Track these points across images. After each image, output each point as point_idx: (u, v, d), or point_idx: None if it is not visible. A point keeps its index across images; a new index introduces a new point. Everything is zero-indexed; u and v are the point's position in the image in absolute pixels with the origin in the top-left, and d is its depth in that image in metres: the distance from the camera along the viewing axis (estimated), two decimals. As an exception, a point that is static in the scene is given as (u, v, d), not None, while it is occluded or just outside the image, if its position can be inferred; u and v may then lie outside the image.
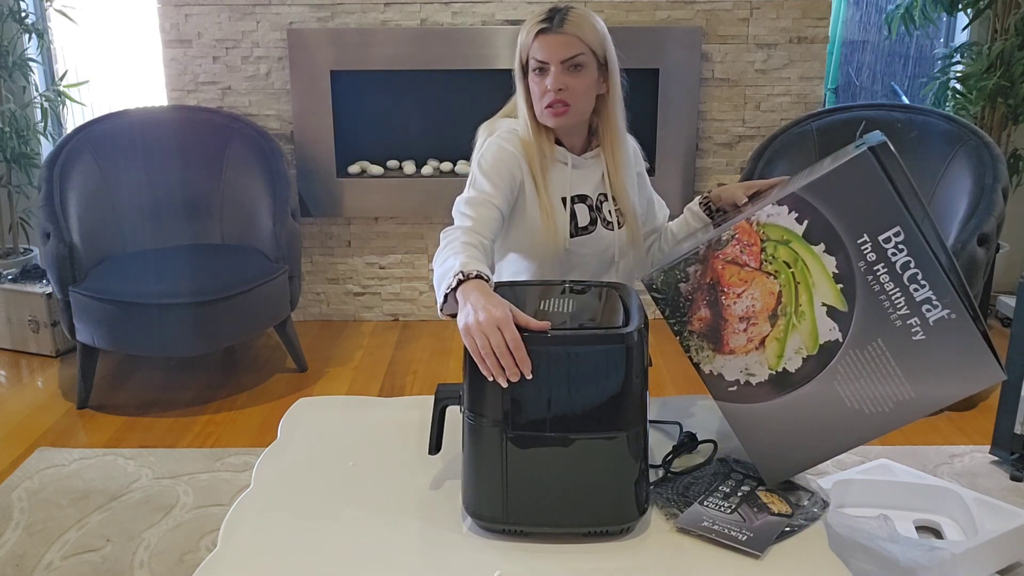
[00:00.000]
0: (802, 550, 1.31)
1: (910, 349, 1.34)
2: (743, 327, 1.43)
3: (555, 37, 1.74)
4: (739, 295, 1.44)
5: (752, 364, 1.43)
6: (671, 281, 1.47)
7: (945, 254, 1.40)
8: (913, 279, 1.33)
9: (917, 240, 1.32)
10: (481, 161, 1.77)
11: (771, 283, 1.41)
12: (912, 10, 3.63)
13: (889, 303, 1.34)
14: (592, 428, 1.30)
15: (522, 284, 1.54)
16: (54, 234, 2.99)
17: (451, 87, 3.77)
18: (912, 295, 1.33)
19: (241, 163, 3.45)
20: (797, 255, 1.39)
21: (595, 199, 1.88)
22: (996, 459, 2.66)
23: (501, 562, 1.28)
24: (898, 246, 1.33)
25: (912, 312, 1.33)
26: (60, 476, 2.63)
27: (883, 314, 1.34)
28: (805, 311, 1.39)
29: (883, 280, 1.34)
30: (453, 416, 1.42)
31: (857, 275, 1.35)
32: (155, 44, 3.65)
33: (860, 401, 1.38)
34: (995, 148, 3.09)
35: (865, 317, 1.35)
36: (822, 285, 1.37)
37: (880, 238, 1.34)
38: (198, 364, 3.44)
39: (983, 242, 2.89)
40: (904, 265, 1.33)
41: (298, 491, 1.47)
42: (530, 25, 1.78)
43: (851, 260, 1.35)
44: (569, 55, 1.74)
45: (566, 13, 1.76)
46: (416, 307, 3.89)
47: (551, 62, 1.75)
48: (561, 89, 1.74)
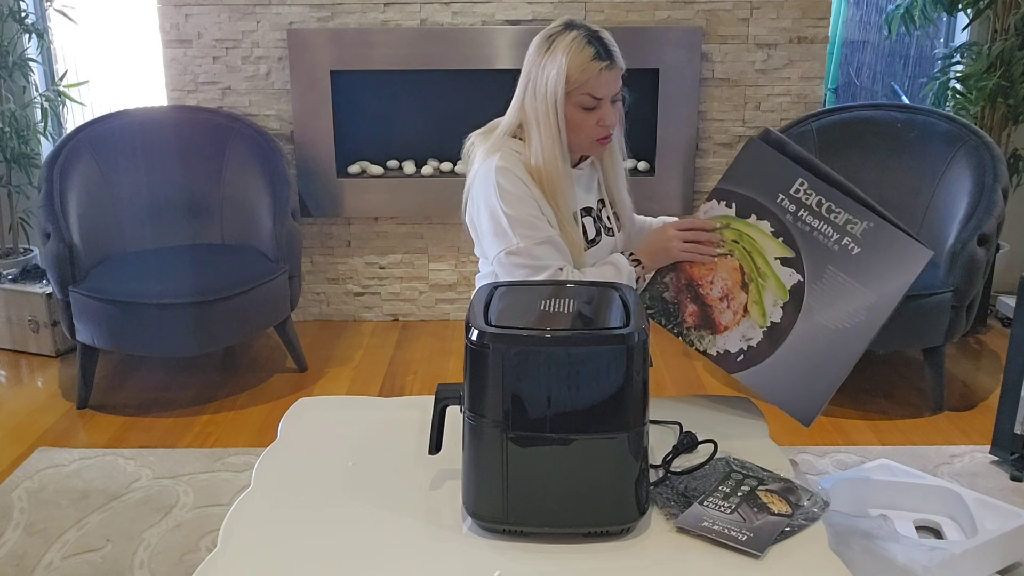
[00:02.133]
0: (802, 550, 1.31)
1: (854, 262, 1.61)
2: (726, 305, 1.72)
3: (613, 74, 1.75)
4: (711, 282, 1.74)
5: (746, 330, 1.70)
6: (656, 295, 1.79)
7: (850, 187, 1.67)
8: (830, 210, 1.63)
9: (817, 183, 1.64)
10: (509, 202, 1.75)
11: (731, 261, 1.73)
12: (912, 10, 3.63)
13: (821, 235, 1.64)
14: (592, 428, 1.30)
15: (523, 284, 1.54)
16: (54, 234, 2.99)
17: (451, 87, 3.77)
18: (834, 222, 1.63)
19: (241, 163, 3.45)
20: (739, 231, 1.72)
21: (596, 208, 1.90)
22: (996, 459, 2.66)
23: (501, 562, 1.28)
24: (807, 192, 1.65)
25: (841, 234, 1.62)
26: (60, 476, 2.64)
27: (821, 246, 1.64)
28: (765, 270, 1.68)
29: (808, 220, 1.65)
30: (453, 416, 1.42)
31: (789, 226, 1.66)
32: (155, 44, 3.65)
33: (839, 320, 1.62)
34: (995, 148, 3.09)
35: (809, 254, 1.65)
36: (767, 244, 1.68)
37: (791, 192, 1.66)
38: (198, 364, 3.44)
39: (983, 242, 2.89)
40: (818, 203, 1.64)
41: (298, 491, 1.47)
42: (583, 59, 1.72)
43: (779, 217, 1.68)
44: (618, 88, 1.78)
45: (606, 44, 1.75)
46: (416, 307, 3.90)
47: (606, 98, 1.76)
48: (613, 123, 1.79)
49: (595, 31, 1.75)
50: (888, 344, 3.05)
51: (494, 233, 1.77)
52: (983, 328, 3.69)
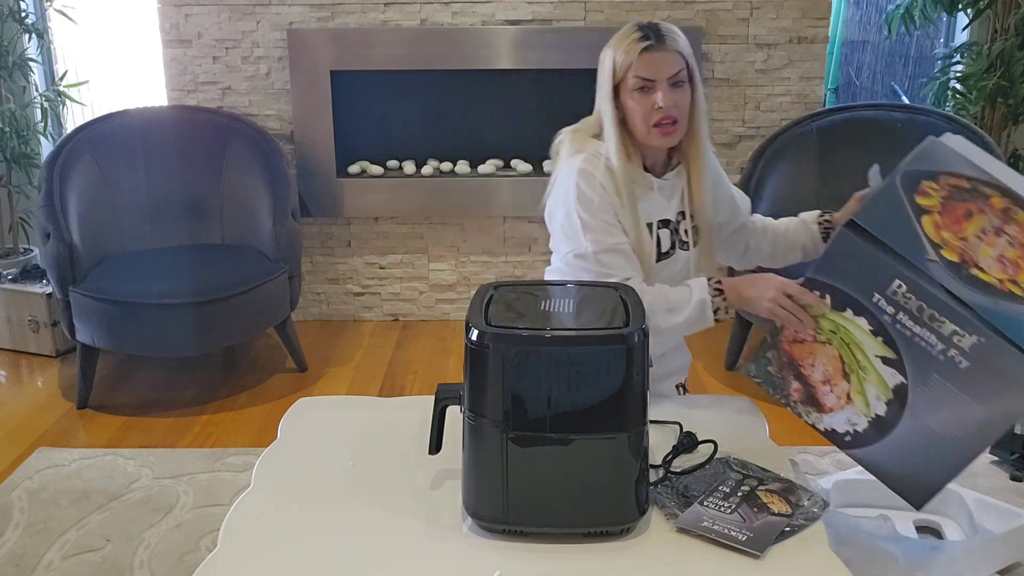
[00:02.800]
0: (802, 550, 1.31)
1: (964, 375, 1.42)
2: (828, 388, 1.58)
3: (661, 54, 1.70)
4: (812, 365, 1.60)
5: (852, 416, 1.56)
6: (761, 368, 1.68)
7: (956, 278, 1.46)
8: (932, 318, 1.44)
9: (919, 286, 1.45)
10: (586, 205, 1.74)
11: (830, 349, 1.58)
12: (912, 10, 3.63)
13: (924, 342, 1.46)
14: (592, 428, 1.30)
15: (524, 284, 1.54)
16: (54, 234, 2.99)
17: (451, 87, 3.77)
18: (939, 331, 1.44)
19: (241, 163, 3.45)
20: (835, 323, 1.56)
21: (675, 221, 1.86)
22: (996, 459, 2.66)
23: (501, 562, 1.28)
24: (906, 295, 1.46)
25: (947, 345, 1.43)
26: (60, 476, 2.63)
27: (925, 353, 1.46)
28: (866, 365, 1.52)
29: (909, 325, 1.47)
30: (453, 416, 1.42)
31: (888, 327, 1.49)
32: (155, 44, 3.65)
33: (949, 427, 1.45)
34: (995, 148, 3.09)
35: (912, 359, 1.47)
36: (867, 341, 1.52)
37: (888, 293, 1.48)
38: (198, 364, 3.44)
39: (983, 242, 2.89)
40: (919, 309, 1.45)
41: (298, 491, 1.47)
42: (627, 43, 1.72)
43: (876, 316, 1.50)
44: (674, 71, 1.71)
45: (661, 29, 1.71)
46: (416, 307, 3.90)
47: (658, 79, 1.70)
48: (672, 105, 1.71)
49: (655, 22, 1.73)
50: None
51: (566, 234, 1.78)
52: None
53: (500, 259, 3.83)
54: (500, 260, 3.83)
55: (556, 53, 3.54)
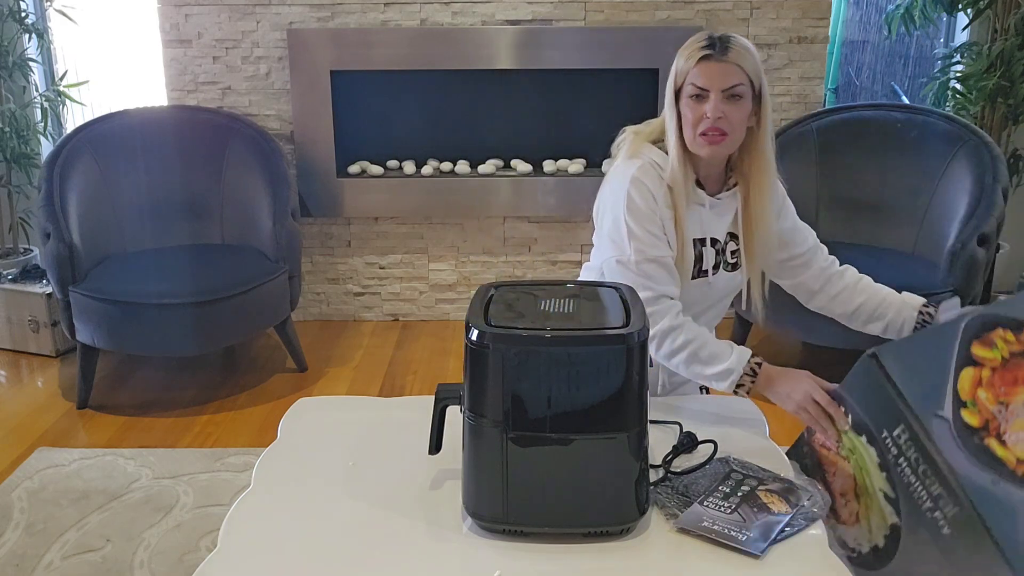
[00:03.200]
0: (802, 550, 1.31)
1: (944, 541, 1.34)
2: (844, 502, 1.52)
3: (718, 65, 1.68)
4: (834, 475, 1.54)
5: (859, 535, 1.49)
6: (799, 457, 1.62)
7: (959, 441, 1.37)
8: (925, 474, 1.37)
9: (918, 438, 1.39)
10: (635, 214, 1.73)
11: (848, 466, 1.52)
12: (912, 10, 3.63)
13: (917, 494, 1.39)
14: (592, 428, 1.30)
15: (524, 284, 1.54)
16: (54, 234, 2.99)
17: (451, 87, 3.77)
18: (929, 489, 1.37)
19: (241, 163, 3.45)
20: (854, 443, 1.51)
21: (723, 241, 1.85)
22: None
23: (501, 562, 1.28)
24: (907, 443, 1.41)
25: (934, 505, 1.36)
26: (60, 476, 2.63)
27: (916, 505, 1.39)
28: (872, 493, 1.47)
29: (907, 472, 1.41)
30: (453, 416, 1.42)
31: (891, 466, 1.43)
32: (155, 44, 3.65)
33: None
34: (995, 148, 3.09)
35: (907, 505, 1.41)
36: (875, 472, 1.47)
37: (894, 434, 1.43)
38: (198, 364, 3.44)
39: (983, 242, 2.89)
40: (916, 460, 1.39)
41: (298, 491, 1.47)
42: (690, 50, 1.71)
43: (884, 452, 1.44)
44: (730, 84, 1.68)
45: (728, 41, 1.70)
46: (416, 307, 3.90)
47: (712, 89, 1.69)
48: (720, 117, 1.68)
49: (728, 35, 1.71)
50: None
51: (612, 239, 1.78)
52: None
53: (500, 259, 3.83)
54: (500, 260, 3.83)
55: (556, 53, 3.54)
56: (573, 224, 3.77)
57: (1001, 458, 1.30)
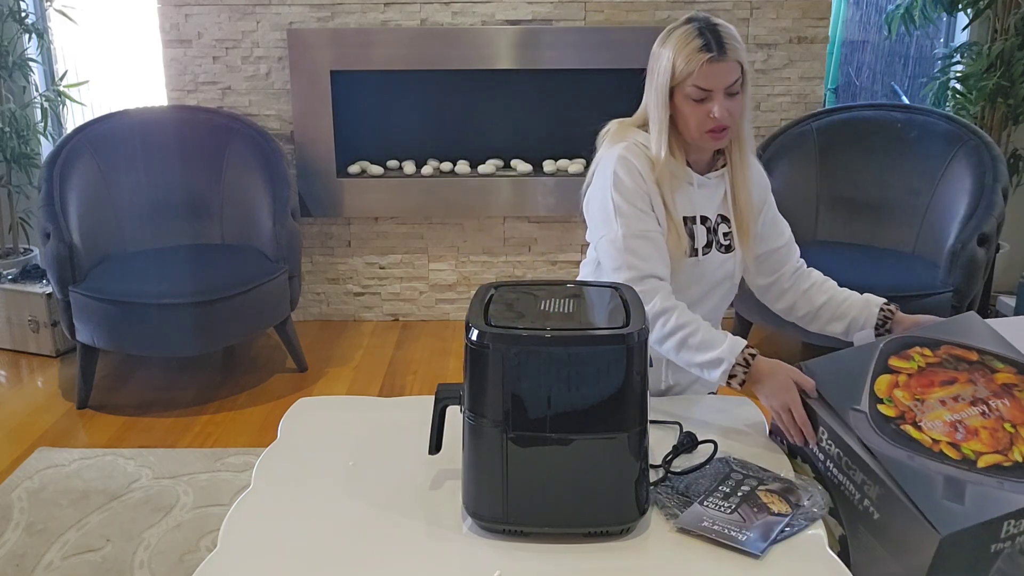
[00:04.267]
0: (802, 550, 1.31)
1: (879, 527, 1.39)
2: None
3: (722, 66, 1.68)
4: None
5: None
6: None
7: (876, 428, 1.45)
8: (848, 465, 1.44)
9: (836, 434, 1.47)
10: (621, 190, 1.74)
11: None
12: (912, 10, 3.63)
13: (847, 490, 1.45)
14: (592, 428, 1.30)
15: (524, 284, 1.54)
16: (54, 234, 2.99)
17: (451, 87, 3.77)
18: (853, 478, 1.44)
19: (241, 163, 3.45)
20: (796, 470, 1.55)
21: (714, 220, 1.85)
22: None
23: (501, 562, 1.28)
24: (828, 442, 1.48)
25: (861, 494, 1.42)
26: (60, 476, 2.63)
27: (849, 501, 1.44)
28: None
29: (835, 472, 1.48)
30: (453, 416, 1.42)
31: (824, 474, 1.50)
32: (155, 44, 3.65)
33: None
34: (995, 148, 3.09)
35: (844, 509, 1.46)
36: None
37: (820, 442, 1.51)
38: (198, 364, 3.44)
39: (983, 242, 2.89)
40: (838, 456, 1.46)
41: (298, 491, 1.47)
42: (689, 51, 1.69)
43: (815, 462, 1.52)
44: (731, 81, 1.70)
45: (720, 36, 1.69)
46: (416, 307, 3.90)
47: (716, 90, 1.69)
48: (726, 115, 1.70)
49: (713, 24, 1.71)
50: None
51: (601, 219, 1.78)
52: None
53: (500, 259, 3.83)
54: (500, 260, 3.84)
55: (556, 53, 3.54)
56: (573, 224, 3.77)
57: (917, 439, 1.41)
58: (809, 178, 3.39)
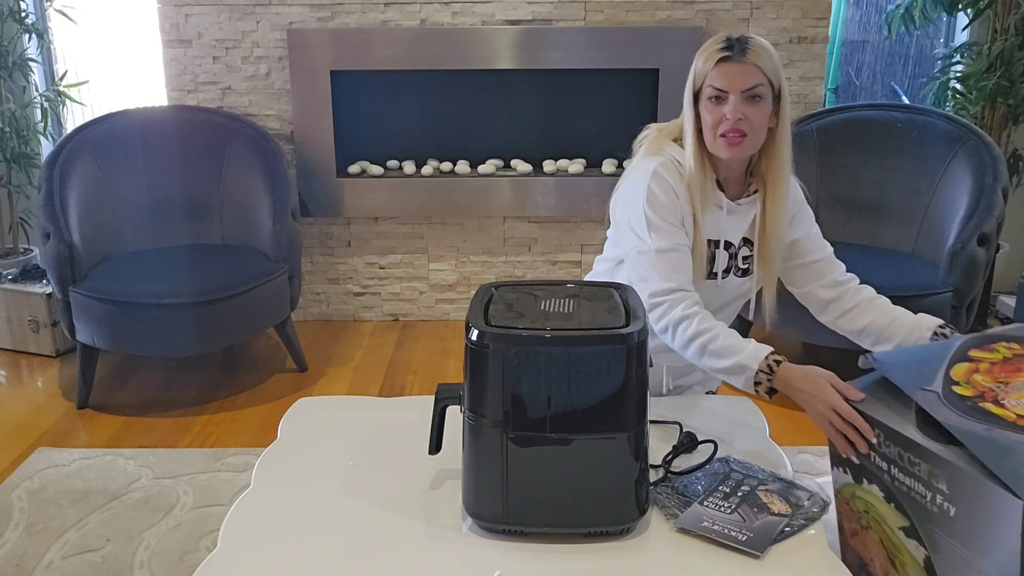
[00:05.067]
0: (802, 550, 1.31)
1: (958, 525, 1.26)
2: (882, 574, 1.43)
3: (737, 66, 1.68)
4: (871, 559, 1.45)
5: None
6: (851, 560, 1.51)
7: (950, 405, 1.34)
8: (911, 462, 1.33)
9: (891, 430, 1.36)
10: (654, 204, 1.75)
11: (872, 535, 1.44)
12: (912, 10, 3.63)
13: (918, 495, 1.33)
14: (592, 428, 1.30)
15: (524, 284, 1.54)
16: (54, 234, 2.99)
17: (451, 87, 3.77)
18: (920, 476, 1.31)
19: (241, 163, 3.45)
20: (865, 500, 1.44)
21: (737, 245, 1.84)
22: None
23: (501, 562, 1.28)
24: (885, 442, 1.38)
25: (931, 491, 1.30)
26: (60, 476, 2.63)
27: (922, 507, 1.32)
28: (899, 544, 1.38)
29: (902, 478, 1.35)
30: (453, 416, 1.42)
31: (891, 487, 1.37)
32: (155, 44, 3.65)
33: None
34: (995, 148, 3.09)
35: (918, 519, 1.33)
36: (887, 513, 1.39)
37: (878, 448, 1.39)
38: (198, 364, 3.44)
39: (983, 242, 2.89)
40: (899, 456, 1.35)
41: (298, 491, 1.47)
42: (709, 52, 1.71)
43: (879, 477, 1.39)
44: (749, 85, 1.68)
45: (746, 42, 1.69)
46: (416, 307, 3.90)
47: (731, 91, 1.68)
48: (740, 119, 1.68)
49: (746, 36, 1.70)
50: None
51: (632, 230, 1.79)
52: (983, 328, 3.69)
53: (500, 259, 3.83)
54: (500, 260, 3.83)
55: (556, 53, 3.54)
56: (573, 224, 3.77)
57: (998, 414, 1.29)
58: (809, 178, 3.38)
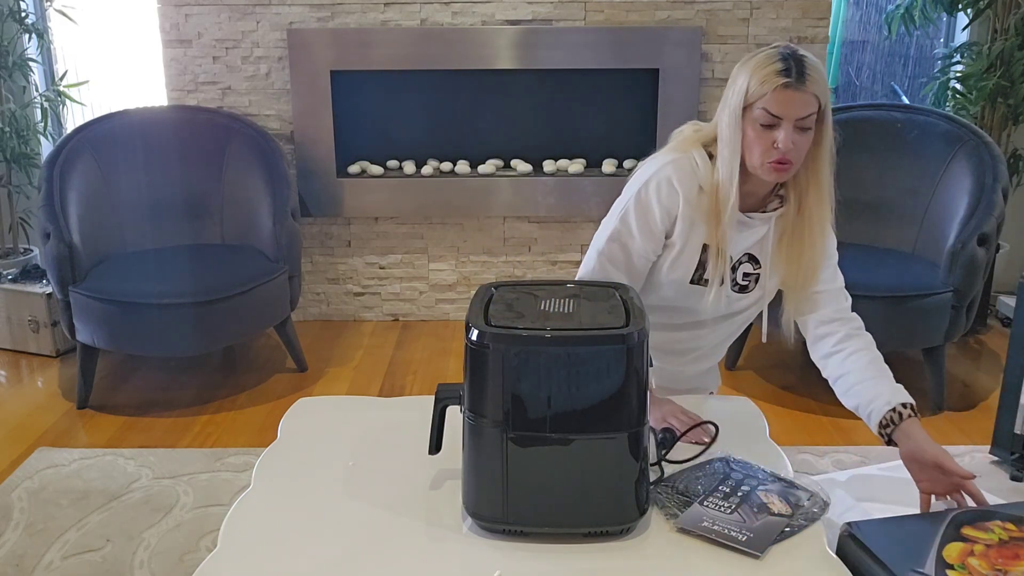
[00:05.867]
0: (802, 550, 1.31)
1: None
2: None
3: (796, 94, 1.59)
4: None
5: None
6: None
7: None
8: None
9: None
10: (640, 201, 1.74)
11: None
12: (912, 10, 3.63)
13: None
14: (592, 428, 1.30)
15: (524, 284, 1.54)
16: (54, 234, 2.99)
17: (451, 87, 3.77)
18: None
19: (241, 163, 3.45)
20: None
21: (737, 259, 1.78)
22: (996, 459, 2.65)
23: (501, 562, 1.28)
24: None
25: None
26: (60, 476, 2.64)
27: None
28: None
29: None
30: (453, 416, 1.42)
31: None
32: (155, 44, 3.65)
33: None
34: (995, 148, 3.09)
35: None
36: None
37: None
38: (198, 364, 3.44)
39: (983, 242, 2.89)
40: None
41: (298, 491, 1.47)
42: (766, 72, 1.61)
43: None
44: (805, 114, 1.61)
45: (804, 65, 1.60)
46: (416, 307, 3.90)
47: (786, 119, 1.61)
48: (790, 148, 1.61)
49: (800, 54, 1.62)
50: (888, 344, 3.04)
51: (615, 208, 1.80)
52: (983, 328, 3.69)
53: (500, 259, 3.83)
54: (500, 260, 3.83)
55: (556, 53, 3.54)
56: (573, 224, 3.77)
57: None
58: (809, 178, 3.39)
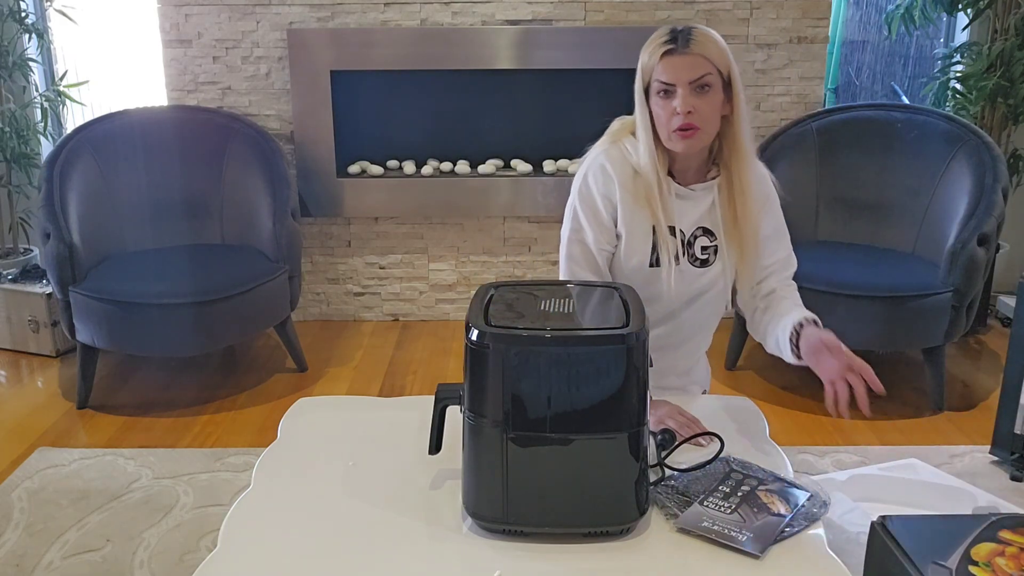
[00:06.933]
0: (802, 550, 1.31)
1: None
2: None
3: (681, 58, 1.66)
4: None
5: None
6: None
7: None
8: None
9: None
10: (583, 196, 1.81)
11: None
12: (912, 10, 3.63)
13: None
14: (592, 428, 1.30)
15: (524, 284, 1.54)
16: (54, 234, 2.98)
17: (451, 87, 3.76)
18: None
19: (241, 163, 3.44)
20: None
21: (689, 234, 1.80)
22: (996, 459, 2.66)
23: (501, 562, 1.28)
24: None
25: None
26: (60, 476, 2.63)
27: None
28: None
29: None
30: (453, 416, 1.42)
31: None
32: (155, 44, 3.65)
33: None
34: (995, 148, 3.09)
35: None
36: None
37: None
38: (198, 364, 3.44)
39: (983, 242, 2.89)
40: None
41: (298, 491, 1.47)
42: (653, 46, 1.69)
43: None
44: (696, 76, 1.66)
45: (690, 33, 1.67)
46: (416, 307, 3.89)
47: (678, 84, 1.66)
48: (690, 112, 1.65)
49: (691, 26, 1.70)
50: (888, 344, 3.05)
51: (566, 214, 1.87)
52: (983, 328, 3.69)
53: (500, 259, 3.83)
54: (500, 260, 3.83)
55: (556, 53, 3.54)
56: (573, 224, 3.77)
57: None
58: (809, 178, 3.39)
